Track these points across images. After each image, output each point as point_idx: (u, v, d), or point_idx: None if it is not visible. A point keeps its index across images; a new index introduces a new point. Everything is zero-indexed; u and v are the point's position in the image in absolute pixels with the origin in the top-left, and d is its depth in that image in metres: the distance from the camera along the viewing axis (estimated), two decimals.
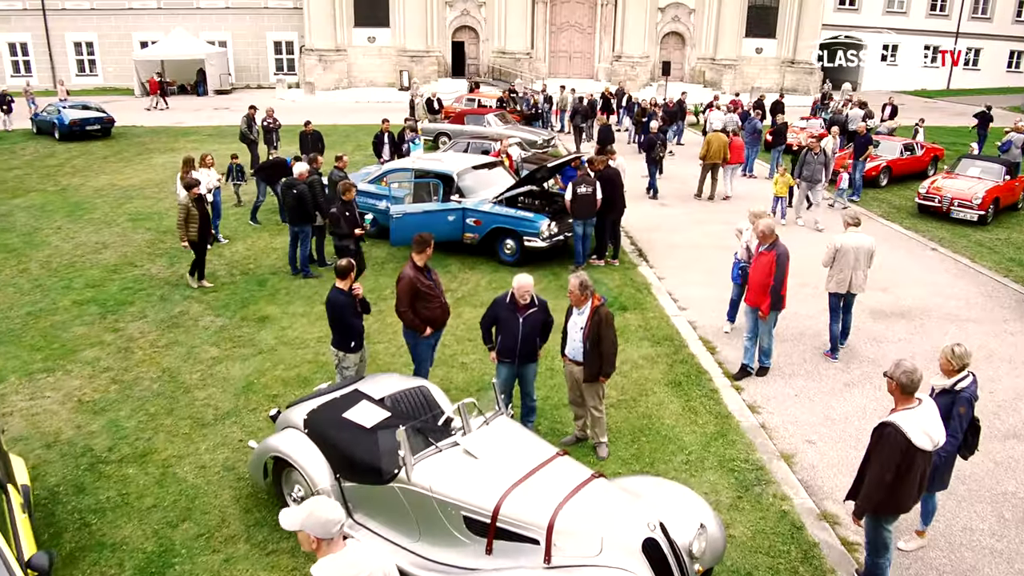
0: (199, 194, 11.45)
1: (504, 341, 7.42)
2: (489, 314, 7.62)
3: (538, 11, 44.98)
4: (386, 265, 13.33)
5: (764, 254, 8.69)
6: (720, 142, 18.51)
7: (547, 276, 12.69)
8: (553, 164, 13.62)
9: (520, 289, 7.29)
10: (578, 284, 7.05)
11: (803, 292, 11.99)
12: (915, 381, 5.40)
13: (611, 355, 7.14)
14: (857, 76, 49.48)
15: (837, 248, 9.53)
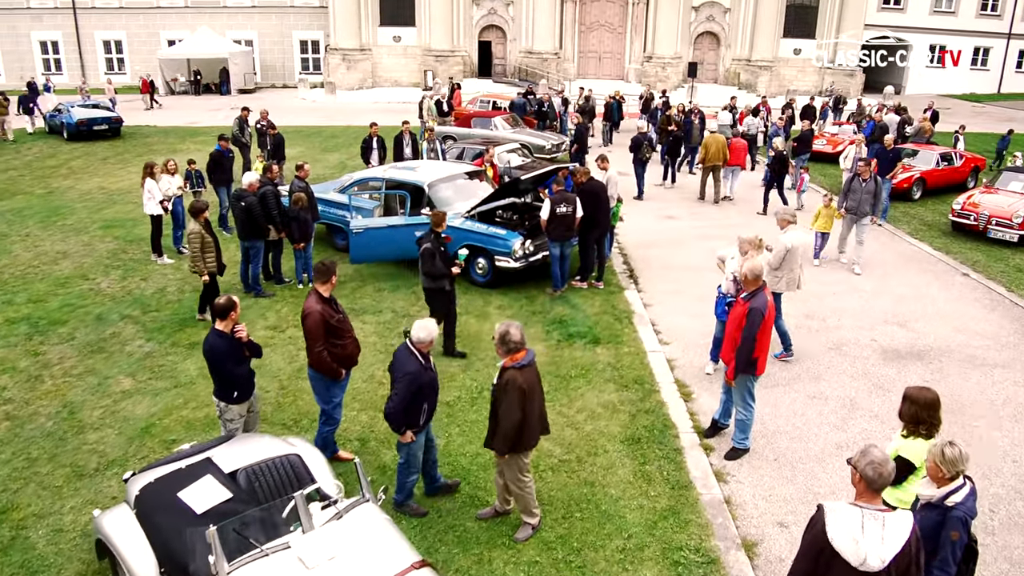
0: (207, 219, 10.33)
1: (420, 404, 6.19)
2: (412, 389, 6.03)
3: (567, 10, 43.68)
4: (346, 285, 12.19)
5: (739, 303, 7.28)
6: (719, 144, 18.16)
7: (519, 300, 11.44)
8: (535, 174, 12.33)
9: (420, 344, 6.06)
10: (497, 336, 5.77)
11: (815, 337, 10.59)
12: (884, 477, 4.06)
13: (505, 429, 5.82)
14: (901, 79, 47.22)
15: (788, 248, 9.49)
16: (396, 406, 5.94)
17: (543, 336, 10.17)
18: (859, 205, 13.14)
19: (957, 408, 8.48)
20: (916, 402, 5.11)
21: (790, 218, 9.89)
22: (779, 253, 9.55)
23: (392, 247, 11.77)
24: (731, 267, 8.74)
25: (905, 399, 5.21)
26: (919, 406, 5.09)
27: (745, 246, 8.61)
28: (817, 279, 12.79)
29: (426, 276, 9.26)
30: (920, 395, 5.14)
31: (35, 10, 46.98)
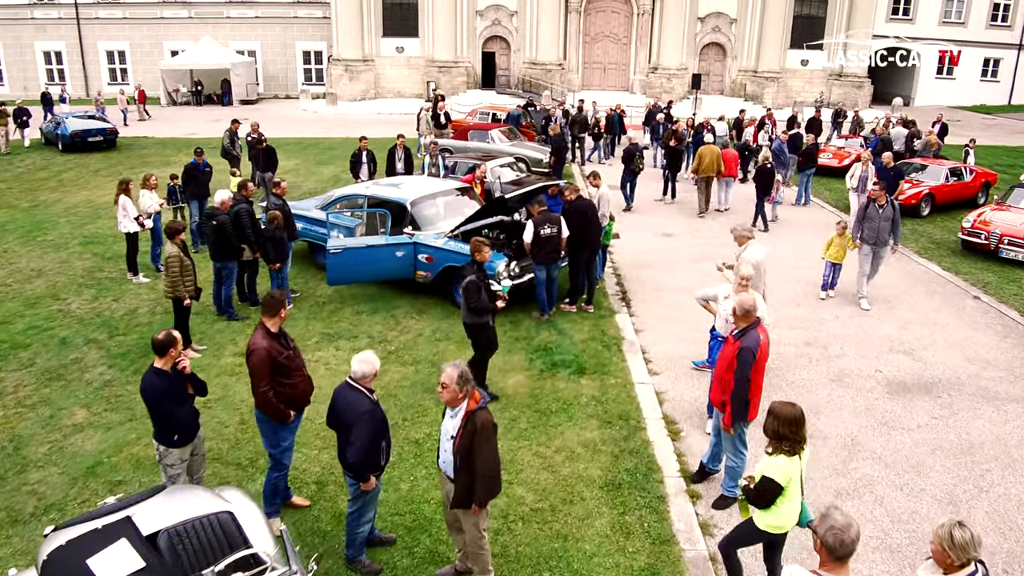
0: (184, 240, 9.77)
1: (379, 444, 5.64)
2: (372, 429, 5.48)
3: (571, 21, 43.28)
4: (324, 307, 11.66)
5: (730, 342, 6.59)
6: (712, 155, 17.91)
7: (503, 325, 10.82)
8: (521, 192, 11.79)
9: (364, 379, 5.51)
10: (456, 376, 5.20)
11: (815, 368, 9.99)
12: (846, 545, 3.61)
13: (489, 478, 5.27)
14: (910, 90, 46.57)
15: (755, 265, 8.78)
16: (359, 452, 5.40)
17: (525, 365, 9.60)
18: (877, 234, 11.79)
19: (967, 449, 7.86)
20: (778, 417, 4.88)
21: (748, 233, 9.38)
22: (747, 273, 8.89)
23: (372, 268, 11.25)
24: (726, 307, 7.91)
25: (768, 413, 4.99)
26: (780, 421, 4.86)
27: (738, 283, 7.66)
28: (820, 303, 12.19)
29: (471, 311, 8.30)
30: (782, 410, 4.90)
31: (39, 21, 46.97)
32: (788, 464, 4.84)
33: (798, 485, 4.99)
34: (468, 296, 8.21)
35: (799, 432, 4.88)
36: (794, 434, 4.86)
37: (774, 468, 4.87)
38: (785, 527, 5.11)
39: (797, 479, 4.95)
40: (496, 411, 8.09)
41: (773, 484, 4.84)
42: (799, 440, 4.90)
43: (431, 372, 9.30)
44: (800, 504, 5.12)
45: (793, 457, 4.87)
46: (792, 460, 4.85)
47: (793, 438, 4.87)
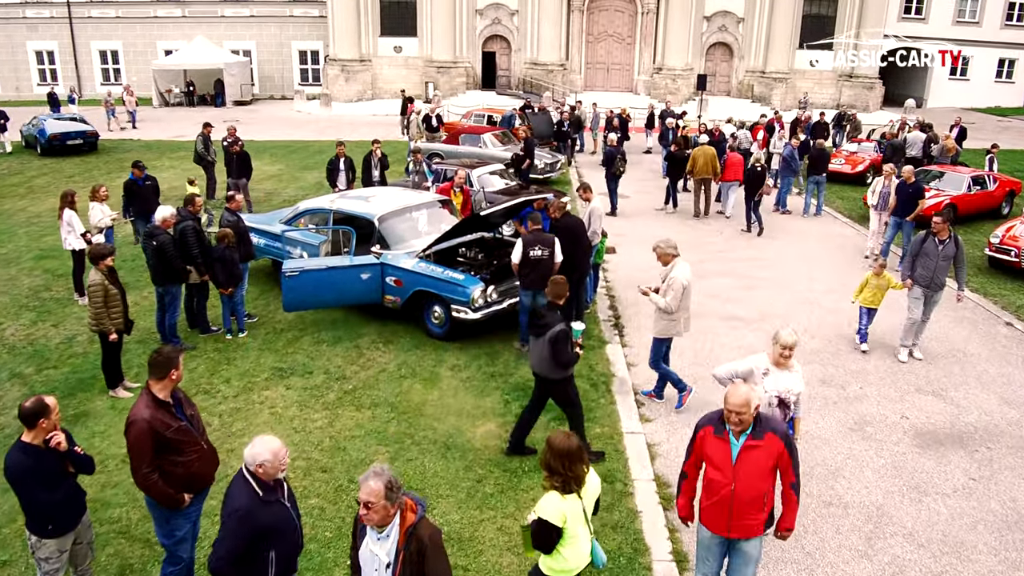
0: (111, 266, 8.54)
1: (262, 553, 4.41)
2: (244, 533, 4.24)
3: (574, 20, 42.10)
4: (281, 335, 10.47)
5: (761, 443, 4.65)
6: (707, 156, 17.35)
7: (478, 359, 9.65)
8: (503, 207, 10.58)
9: (259, 468, 4.31)
10: (384, 490, 3.90)
11: (832, 412, 8.77)
12: None
13: None
14: (922, 91, 45.25)
15: (685, 285, 8.02)
16: (221, 560, 4.19)
17: (500, 409, 8.39)
18: (933, 275, 9.64)
19: (1014, 522, 6.62)
20: (550, 448, 4.38)
21: (672, 251, 8.28)
22: (676, 294, 7.99)
23: (333, 293, 10.06)
24: (772, 384, 5.85)
25: (546, 443, 4.48)
26: (551, 453, 4.36)
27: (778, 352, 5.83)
28: (835, 333, 10.95)
29: (561, 366, 6.98)
30: (555, 440, 4.39)
31: (31, 20, 46.11)
32: (563, 503, 4.28)
33: (582, 525, 4.42)
34: (558, 349, 6.82)
35: (571, 468, 4.32)
36: (565, 469, 4.31)
37: (547, 508, 4.31)
38: (571, 571, 4.49)
39: (580, 519, 4.39)
40: (460, 472, 6.92)
41: (548, 526, 4.29)
42: (571, 477, 4.33)
43: (390, 419, 8.11)
44: (589, 545, 4.53)
45: (569, 495, 4.32)
46: (568, 499, 4.31)
47: (564, 473, 4.31)
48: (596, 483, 4.59)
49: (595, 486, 4.57)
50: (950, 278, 10.14)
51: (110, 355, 8.66)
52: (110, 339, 8.39)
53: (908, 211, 13.83)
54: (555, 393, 7.29)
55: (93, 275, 8.33)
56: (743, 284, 12.90)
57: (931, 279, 9.67)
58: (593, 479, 4.55)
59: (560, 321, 6.91)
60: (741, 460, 4.62)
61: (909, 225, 13.88)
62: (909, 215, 13.82)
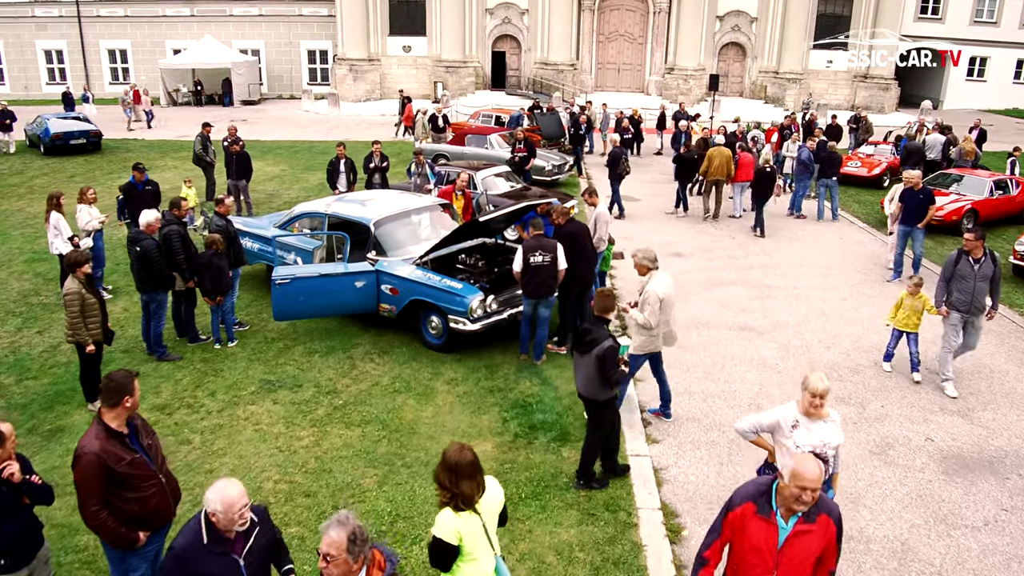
0: (88, 273, 8.09)
1: None
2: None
3: (584, 19, 41.57)
4: (272, 344, 10.03)
5: (813, 527, 3.90)
6: (723, 157, 16.89)
7: (477, 371, 9.17)
8: (503, 212, 10.09)
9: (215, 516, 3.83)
10: (345, 542, 3.40)
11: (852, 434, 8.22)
12: None
13: None
14: (939, 93, 44.50)
15: (662, 299, 7.45)
16: None
17: (497, 427, 7.90)
18: (972, 299, 8.73)
19: None
20: (441, 460, 4.11)
21: (649, 263, 7.71)
22: (654, 308, 7.44)
23: (326, 301, 9.60)
24: (803, 439, 5.05)
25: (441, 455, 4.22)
26: (441, 466, 4.10)
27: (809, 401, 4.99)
28: (853, 345, 10.41)
29: (608, 384, 6.50)
30: (447, 454, 4.11)
31: (40, 19, 45.98)
32: (457, 520, 4.03)
33: (483, 542, 4.14)
34: (607, 367, 6.35)
35: (458, 484, 4.03)
36: (452, 484, 4.04)
37: (440, 525, 4.07)
38: None
39: (479, 536, 4.10)
40: None
41: (442, 544, 4.05)
42: (458, 494, 4.03)
43: (380, 437, 7.64)
44: (493, 562, 4.23)
45: (464, 512, 4.05)
46: (463, 516, 4.04)
47: (451, 489, 4.04)
48: (496, 497, 4.28)
49: (495, 500, 4.26)
50: None
51: (88, 367, 8.23)
52: (87, 351, 7.95)
53: (916, 219, 12.84)
54: (593, 413, 6.80)
55: (69, 283, 7.91)
56: (756, 293, 12.38)
57: (970, 303, 8.73)
58: (493, 493, 4.25)
59: (608, 337, 6.43)
60: (788, 546, 3.87)
61: (920, 232, 12.98)
62: (920, 222, 12.84)
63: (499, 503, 4.31)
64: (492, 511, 4.23)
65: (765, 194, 16.29)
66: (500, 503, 4.31)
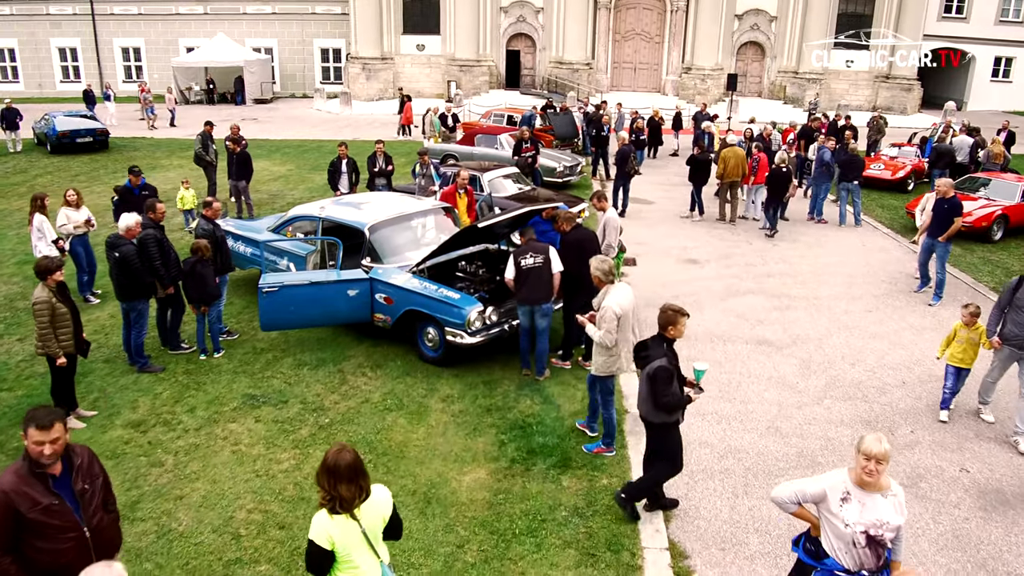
0: (60, 281, 7.55)
1: None
2: None
3: (600, 18, 40.88)
4: (261, 356, 9.49)
5: None
6: (738, 158, 16.40)
7: (475, 387, 8.59)
8: (505, 217, 9.48)
9: None
10: None
11: None
12: None
13: None
14: (963, 93, 43.47)
15: (619, 314, 6.81)
16: None
17: (493, 452, 7.31)
18: None
19: None
20: (322, 461, 3.90)
21: (602, 275, 7.13)
22: (610, 326, 6.79)
23: (317, 311, 9.05)
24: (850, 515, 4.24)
25: None
26: (321, 466, 3.90)
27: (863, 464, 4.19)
28: (879, 359, 9.73)
29: (659, 408, 5.95)
30: (327, 454, 3.90)
31: (54, 17, 45.92)
32: (330, 524, 3.81)
33: (362, 550, 3.90)
34: (657, 387, 5.83)
35: (336, 487, 3.80)
36: (330, 487, 3.82)
37: (313, 527, 3.87)
38: None
39: (356, 543, 3.87)
40: (438, 533, 5.87)
41: (314, 547, 3.85)
42: (336, 497, 3.81)
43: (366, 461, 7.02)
44: (378, 571, 3.98)
45: (340, 515, 3.81)
46: (337, 519, 3.81)
47: (329, 491, 3.82)
48: (381, 502, 4.00)
49: (379, 506, 3.99)
50: None
51: (60, 380, 7.72)
52: (57, 363, 7.44)
53: (941, 230, 11.64)
54: (652, 438, 6.22)
55: (39, 291, 7.39)
56: (775, 303, 11.72)
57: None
58: (377, 500, 3.97)
59: (663, 356, 5.82)
60: None
61: (943, 247, 11.71)
62: (943, 234, 11.62)
63: (384, 510, 4.03)
64: (374, 517, 3.96)
65: (780, 195, 15.83)
66: (385, 511, 4.03)
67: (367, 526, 3.90)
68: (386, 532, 4.06)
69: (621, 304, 6.89)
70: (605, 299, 6.98)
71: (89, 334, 10.10)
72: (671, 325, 5.90)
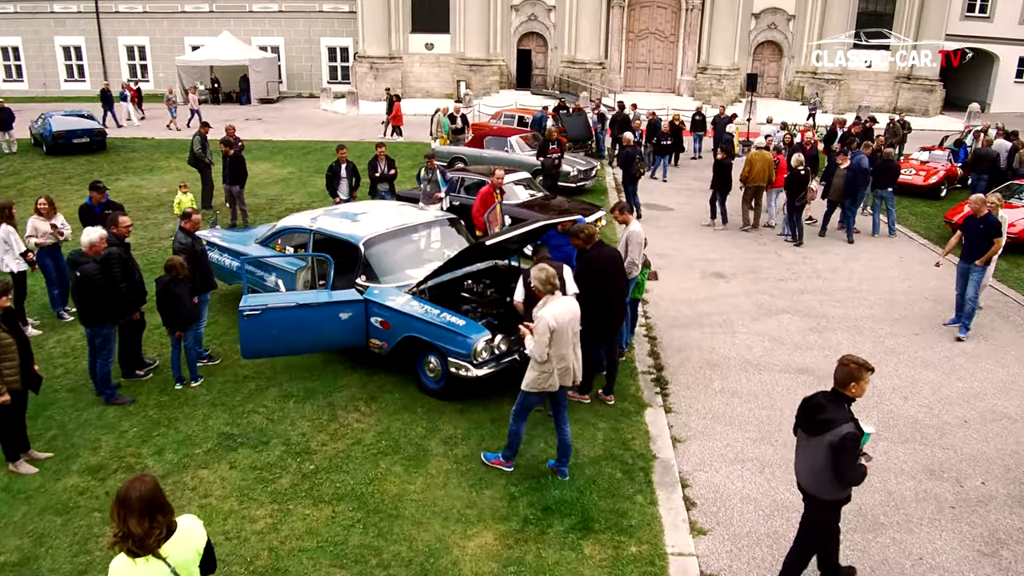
0: (7, 307, 6.53)
1: None
2: None
3: (614, 16, 39.90)
4: (242, 385, 8.50)
5: None
6: (765, 162, 15.45)
7: (481, 426, 7.58)
8: (523, 231, 8.48)
9: None
10: None
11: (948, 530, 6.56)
12: None
13: None
14: (986, 95, 42.22)
15: (553, 327, 6.12)
16: None
17: (502, 509, 6.29)
18: None
19: None
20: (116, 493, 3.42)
21: (541, 286, 6.30)
22: (540, 338, 6.15)
23: (304, 336, 8.07)
24: None
25: None
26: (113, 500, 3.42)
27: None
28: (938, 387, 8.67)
29: (843, 483, 4.90)
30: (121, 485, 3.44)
31: (58, 15, 45.29)
32: (132, 568, 3.33)
33: None
34: (846, 460, 4.72)
35: (126, 521, 3.33)
36: (121, 521, 3.35)
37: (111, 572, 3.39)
38: None
39: None
40: None
41: None
42: (128, 534, 3.32)
43: (354, 522, 6.07)
44: None
45: (141, 559, 3.33)
46: (140, 563, 3.33)
47: (120, 526, 3.35)
48: (191, 534, 3.56)
49: (189, 538, 3.54)
50: None
51: (8, 419, 6.74)
52: (1, 401, 6.46)
53: (978, 253, 10.03)
54: (814, 517, 5.13)
55: None
56: (811, 324, 10.67)
57: None
58: (187, 535, 3.53)
59: (849, 420, 4.74)
60: None
61: (978, 273, 10.09)
62: (979, 257, 10.00)
63: (196, 542, 3.58)
64: (186, 551, 3.50)
65: (797, 198, 14.92)
66: (198, 542, 3.59)
67: (178, 563, 3.44)
68: (202, 565, 3.59)
69: (557, 316, 6.17)
70: (541, 309, 6.18)
71: (57, 356, 9.23)
72: (854, 382, 4.84)
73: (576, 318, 6.47)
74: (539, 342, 6.17)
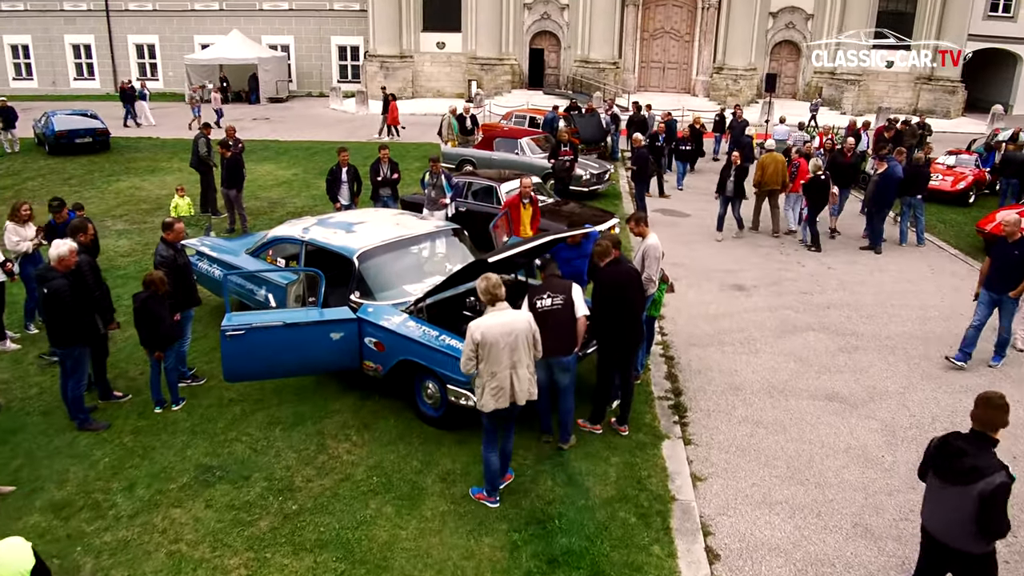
0: None
1: None
2: None
3: (628, 15, 39.11)
4: (227, 410, 7.88)
5: None
6: (777, 164, 14.99)
7: (480, 463, 6.91)
8: (529, 246, 7.82)
9: None
10: None
11: None
12: None
13: None
14: (1009, 96, 41.24)
15: (478, 340, 5.73)
16: None
17: (503, 561, 5.64)
18: None
19: None
20: None
21: (482, 295, 5.96)
22: (467, 350, 5.82)
23: (292, 359, 7.44)
24: None
25: None
26: None
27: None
28: None
29: (990, 535, 4.34)
30: None
31: (68, 13, 45.03)
32: None
33: None
34: (997, 511, 4.20)
35: None
36: None
37: None
38: None
39: None
40: None
41: None
42: None
43: (338, 574, 5.43)
44: None
45: None
46: None
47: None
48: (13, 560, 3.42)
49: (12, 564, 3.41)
50: None
51: None
52: None
53: (1011, 285, 8.92)
54: (956, 568, 4.54)
55: None
56: (840, 343, 9.96)
57: None
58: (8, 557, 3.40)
59: (1000, 468, 4.20)
60: None
61: (1012, 304, 9.08)
62: (1012, 290, 8.92)
63: (20, 565, 3.44)
64: None
65: (820, 204, 14.45)
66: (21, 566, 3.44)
67: None
68: None
69: (485, 330, 5.74)
70: (477, 323, 5.74)
71: (33, 375, 8.70)
72: (1002, 425, 4.28)
73: (520, 336, 5.89)
74: (467, 354, 5.77)
